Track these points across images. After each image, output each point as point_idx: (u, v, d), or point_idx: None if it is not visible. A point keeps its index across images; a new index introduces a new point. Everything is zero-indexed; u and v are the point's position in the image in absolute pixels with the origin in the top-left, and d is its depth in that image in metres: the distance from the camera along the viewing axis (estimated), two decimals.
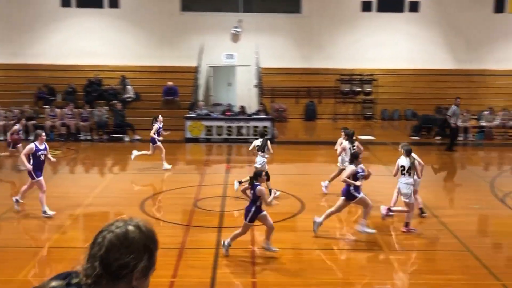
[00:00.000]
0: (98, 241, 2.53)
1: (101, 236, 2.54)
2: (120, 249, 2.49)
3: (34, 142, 11.79)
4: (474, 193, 14.02)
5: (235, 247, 9.82)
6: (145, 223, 2.61)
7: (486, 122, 21.50)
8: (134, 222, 2.58)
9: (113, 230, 2.53)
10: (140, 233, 2.54)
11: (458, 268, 9.48)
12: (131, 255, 2.49)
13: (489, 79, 25.21)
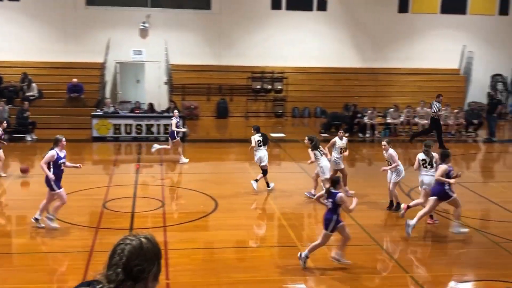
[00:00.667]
0: (118, 252, 3.06)
1: (119, 248, 3.07)
2: (138, 257, 3.05)
3: (54, 148, 10.74)
4: (382, 188, 14.55)
5: None
6: (151, 236, 3.17)
7: (391, 119, 22.42)
8: (144, 235, 3.14)
9: (129, 242, 3.08)
10: (151, 244, 3.12)
11: (367, 262, 9.83)
12: (147, 262, 3.06)
13: (394, 77, 26.32)
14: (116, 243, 3.12)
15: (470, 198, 13.85)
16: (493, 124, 21.83)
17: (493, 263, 9.99)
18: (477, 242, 11.12)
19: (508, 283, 9.08)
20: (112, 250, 3.10)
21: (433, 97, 25.09)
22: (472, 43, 26.91)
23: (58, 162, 10.73)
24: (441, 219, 12.30)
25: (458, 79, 26.93)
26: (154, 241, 3.15)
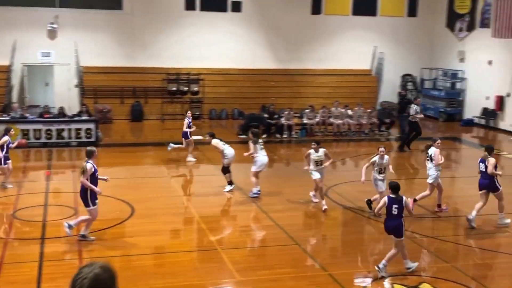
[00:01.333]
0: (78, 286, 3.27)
1: (78, 284, 3.28)
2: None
3: (89, 161, 10.16)
4: (300, 188, 14.83)
5: (60, 258, 9.38)
6: (105, 264, 3.39)
7: (307, 119, 22.87)
8: (99, 265, 3.36)
9: (86, 276, 3.29)
10: (106, 273, 3.34)
11: (287, 262, 9.99)
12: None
13: (309, 78, 26.85)
14: (74, 276, 3.32)
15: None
16: (404, 123, 22.68)
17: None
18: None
19: (422, 276, 9.49)
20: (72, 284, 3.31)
21: (347, 97, 25.96)
22: (383, 44, 27.91)
23: (96, 175, 10.22)
24: (361, 217, 12.67)
25: (370, 80, 27.85)
26: (109, 269, 3.37)
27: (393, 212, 9.25)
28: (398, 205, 9.20)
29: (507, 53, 23.95)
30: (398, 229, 9.30)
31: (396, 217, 9.26)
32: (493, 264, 10.40)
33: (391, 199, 9.31)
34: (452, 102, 26.86)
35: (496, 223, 12.20)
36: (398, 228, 9.29)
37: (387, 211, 9.38)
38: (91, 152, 10.30)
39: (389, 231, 9.47)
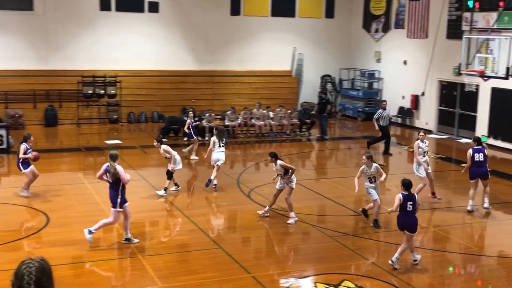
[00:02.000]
0: (26, 274, 3.84)
1: (26, 271, 3.85)
2: (43, 276, 3.90)
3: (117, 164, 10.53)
4: (223, 190, 14.85)
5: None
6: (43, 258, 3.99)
7: (229, 121, 22.93)
8: (39, 258, 3.97)
9: (31, 266, 3.88)
10: (47, 265, 3.98)
11: (210, 266, 9.97)
12: (50, 278, 3.95)
13: (230, 79, 26.92)
14: (19, 267, 3.86)
15: (306, 195, 14.60)
16: (324, 123, 23.19)
17: (330, 256, 10.64)
18: (314, 238, 11.77)
19: (344, 274, 9.71)
20: (19, 273, 3.85)
21: (268, 98, 26.25)
22: (302, 45, 28.38)
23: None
24: (284, 218, 12.82)
25: (291, 80, 28.25)
26: (47, 263, 3.98)
27: (408, 209, 9.72)
28: (412, 201, 9.75)
29: (421, 53, 24.93)
30: (414, 226, 9.81)
31: (411, 213, 9.75)
32: (411, 259, 10.76)
33: (405, 196, 9.75)
34: (370, 102, 27.68)
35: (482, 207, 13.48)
36: (414, 224, 9.81)
37: (402, 208, 9.76)
38: (115, 156, 10.61)
39: (404, 227, 9.85)
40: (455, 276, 10.14)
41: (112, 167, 10.44)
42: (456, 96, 23.43)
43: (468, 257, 10.85)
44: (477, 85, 20.68)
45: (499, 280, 9.85)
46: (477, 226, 13.19)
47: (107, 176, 10.55)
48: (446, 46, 23.27)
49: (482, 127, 22.00)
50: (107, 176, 10.56)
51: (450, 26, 23.20)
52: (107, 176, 10.54)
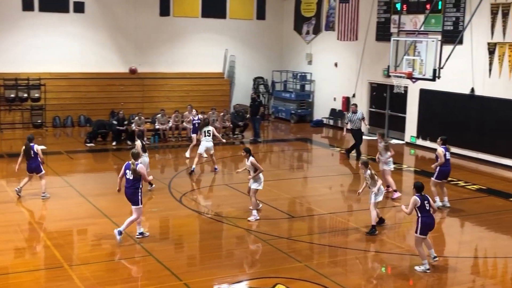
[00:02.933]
0: None
1: None
2: None
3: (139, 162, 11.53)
4: (154, 196, 14.65)
5: None
6: None
7: (159, 124, 22.66)
8: None
9: None
10: None
11: (141, 274, 9.79)
12: None
13: (161, 82, 26.63)
14: None
15: (240, 199, 14.59)
16: (257, 125, 23.30)
17: (263, 260, 10.68)
18: (248, 242, 11.77)
19: (277, 278, 9.76)
20: None
21: (201, 101, 26.16)
22: (234, 47, 28.43)
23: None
24: (217, 223, 12.76)
25: (223, 83, 28.24)
26: None
27: (426, 208, 10.16)
28: (427, 201, 10.20)
29: (351, 55, 25.45)
30: (432, 225, 10.33)
31: (430, 212, 10.21)
32: (344, 260, 10.95)
33: (420, 197, 10.18)
34: (302, 104, 28.03)
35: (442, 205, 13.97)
36: (433, 224, 10.33)
37: (422, 209, 10.15)
38: (137, 155, 11.61)
39: (431, 228, 10.30)
40: (387, 276, 10.36)
41: (133, 163, 11.23)
42: (386, 98, 24.05)
43: (400, 256, 11.11)
44: (405, 87, 21.28)
45: (431, 278, 10.13)
46: (408, 226, 13.53)
47: (128, 174, 11.29)
48: (376, 48, 23.86)
49: (411, 128, 22.67)
50: (126, 174, 11.33)
51: (379, 28, 23.81)
52: (127, 174, 11.30)
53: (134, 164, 11.22)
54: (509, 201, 14.97)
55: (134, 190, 11.25)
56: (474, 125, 19.92)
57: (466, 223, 13.47)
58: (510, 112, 18.74)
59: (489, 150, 19.49)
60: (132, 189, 11.26)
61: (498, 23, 18.97)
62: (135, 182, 11.21)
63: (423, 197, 10.24)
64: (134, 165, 11.20)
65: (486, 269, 10.79)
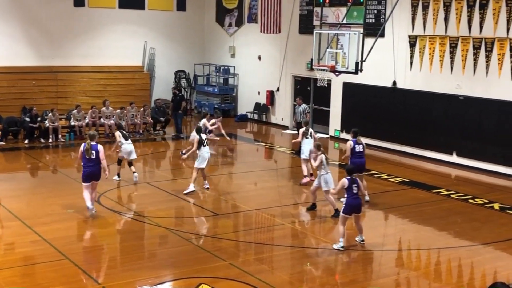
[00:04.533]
0: None
1: None
2: None
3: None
4: (69, 197, 14.27)
5: None
6: None
7: (75, 121, 22.08)
8: None
9: None
10: None
11: (56, 279, 9.53)
12: None
13: (76, 76, 25.91)
14: None
15: (161, 197, 14.45)
16: (179, 121, 23.12)
17: (186, 260, 10.60)
18: (171, 242, 11.67)
19: (201, 278, 9.72)
20: None
21: (119, 95, 25.67)
22: (154, 39, 28.03)
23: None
24: (138, 223, 12.57)
25: (143, 76, 27.78)
26: None
27: (354, 191, 10.99)
28: (356, 184, 11.06)
29: (275, 48, 25.66)
30: (360, 207, 11.20)
31: (357, 195, 11.05)
32: (269, 257, 11.04)
33: (349, 180, 11.03)
34: (226, 98, 28.04)
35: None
36: (360, 205, 11.20)
37: (349, 191, 11.03)
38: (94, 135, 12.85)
39: (355, 209, 11.08)
40: (313, 271, 10.52)
41: (88, 144, 12.47)
42: (310, 92, 24.40)
43: (325, 251, 11.31)
44: (329, 80, 21.65)
45: (356, 272, 10.36)
46: (333, 221, 13.80)
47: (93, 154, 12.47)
48: (299, 41, 24.16)
49: (335, 122, 23.12)
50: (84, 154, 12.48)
51: (302, 21, 24.13)
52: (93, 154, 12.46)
53: (89, 144, 12.53)
54: (431, 193, 15.53)
55: (99, 167, 12.69)
56: (397, 118, 20.54)
57: (389, 216, 13.87)
58: (431, 104, 19.44)
59: (411, 143, 20.15)
60: (98, 166, 12.63)
61: (419, 16, 19.62)
62: (98, 160, 12.58)
63: (352, 180, 11.07)
64: (89, 145, 12.50)
65: (410, 261, 11.15)
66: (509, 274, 10.31)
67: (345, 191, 11.19)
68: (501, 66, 17.40)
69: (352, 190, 11.01)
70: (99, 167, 12.68)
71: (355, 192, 11.03)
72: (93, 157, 12.55)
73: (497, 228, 12.86)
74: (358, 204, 11.12)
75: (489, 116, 17.85)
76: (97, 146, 12.67)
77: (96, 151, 12.58)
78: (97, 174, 12.73)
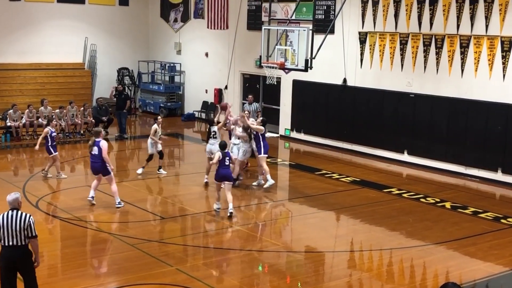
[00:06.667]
0: None
1: None
2: None
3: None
4: (4, 202, 13.87)
5: None
6: None
7: (11, 121, 21.54)
8: None
9: None
10: None
11: None
12: None
13: (12, 74, 25.30)
14: None
15: (104, 201, 14.21)
16: (123, 120, 22.82)
17: (131, 266, 10.46)
18: (114, 248, 11.49)
19: (146, 285, 9.61)
20: None
21: (58, 94, 25.19)
22: (95, 35, 27.58)
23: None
24: (79, 228, 12.34)
25: (84, 74, 27.30)
26: None
27: (226, 163, 13.20)
28: (228, 157, 13.35)
29: (223, 44, 25.60)
30: (231, 176, 13.52)
31: (228, 166, 13.32)
32: (218, 261, 11.00)
33: (222, 153, 13.21)
34: (172, 97, 27.84)
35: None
36: (231, 175, 13.51)
37: (221, 162, 13.17)
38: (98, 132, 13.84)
39: (221, 178, 13.16)
40: (264, 275, 10.54)
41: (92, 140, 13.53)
42: (259, 89, 24.46)
43: (276, 254, 11.34)
44: (278, 78, 21.73)
45: (308, 275, 10.43)
46: (283, 222, 13.86)
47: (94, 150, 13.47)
48: (247, 38, 24.16)
49: (285, 120, 23.24)
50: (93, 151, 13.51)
51: (250, 16, 24.15)
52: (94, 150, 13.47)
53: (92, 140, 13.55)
54: (383, 193, 15.77)
55: (102, 163, 13.41)
56: (347, 116, 20.78)
57: (341, 216, 14.01)
58: (382, 102, 19.74)
59: (362, 142, 20.41)
60: (100, 162, 13.40)
61: (369, 12, 19.90)
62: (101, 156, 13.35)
63: (225, 153, 13.26)
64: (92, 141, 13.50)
65: (362, 262, 11.29)
66: (461, 274, 10.56)
67: (219, 163, 13.20)
68: (451, 63, 17.81)
69: (225, 162, 13.18)
70: (101, 163, 13.47)
71: (227, 164, 13.21)
72: (95, 153, 13.46)
73: (449, 227, 13.15)
74: (228, 174, 13.25)
75: (440, 114, 18.24)
76: (100, 142, 13.47)
77: (99, 147, 13.36)
78: (99, 169, 13.61)
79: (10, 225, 7.89)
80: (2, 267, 8.00)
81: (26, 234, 7.94)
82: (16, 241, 7.91)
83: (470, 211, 14.27)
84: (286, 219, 14.18)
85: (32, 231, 8.01)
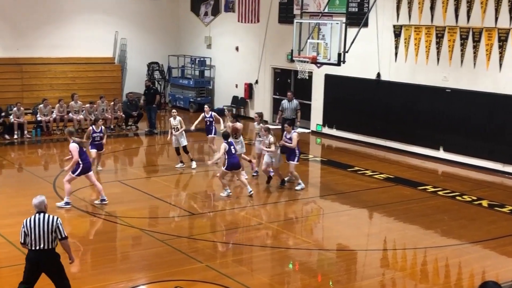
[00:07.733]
0: None
1: None
2: None
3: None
4: (35, 196, 14.10)
5: None
6: None
7: (42, 116, 21.87)
8: None
9: None
10: None
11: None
12: None
13: (42, 68, 25.64)
14: None
15: (134, 196, 14.37)
16: (153, 115, 23.00)
17: (161, 262, 10.56)
18: (144, 243, 11.61)
19: (176, 281, 9.69)
20: None
21: (88, 89, 25.44)
22: (126, 29, 27.80)
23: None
24: (110, 223, 12.51)
25: (114, 69, 27.56)
26: None
27: (232, 152, 14.03)
28: (233, 146, 14.19)
29: (253, 38, 25.62)
30: (239, 164, 14.37)
31: (235, 154, 14.16)
32: (248, 258, 11.04)
33: (227, 143, 14.03)
34: (202, 91, 27.95)
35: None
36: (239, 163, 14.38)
37: (229, 152, 14.00)
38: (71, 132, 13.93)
39: (233, 167, 14.06)
40: (294, 273, 10.54)
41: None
42: (290, 84, 24.41)
43: (307, 252, 11.34)
44: (310, 72, 21.66)
45: (339, 273, 10.41)
46: (314, 220, 13.85)
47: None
48: (279, 31, 24.13)
49: (317, 116, 23.17)
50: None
51: (282, 10, 24.10)
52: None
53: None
54: (417, 190, 15.63)
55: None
56: (381, 111, 20.63)
57: (374, 214, 13.95)
58: (417, 97, 19.55)
59: (396, 138, 20.25)
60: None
61: (404, 5, 19.71)
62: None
63: (229, 143, 14.08)
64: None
65: (395, 261, 11.23)
66: (498, 274, 10.42)
67: (226, 154, 14.03)
68: (489, 57, 17.56)
69: (231, 151, 14.01)
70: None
71: (233, 153, 14.07)
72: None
73: (486, 226, 12.99)
74: (238, 162, 14.21)
75: (477, 109, 18.01)
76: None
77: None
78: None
79: (38, 229, 8.03)
80: (27, 269, 8.24)
81: (54, 236, 8.06)
82: (43, 245, 8.06)
83: (507, 210, 14.08)
84: (317, 216, 14.17)
85: (62, 233, 8.14)
